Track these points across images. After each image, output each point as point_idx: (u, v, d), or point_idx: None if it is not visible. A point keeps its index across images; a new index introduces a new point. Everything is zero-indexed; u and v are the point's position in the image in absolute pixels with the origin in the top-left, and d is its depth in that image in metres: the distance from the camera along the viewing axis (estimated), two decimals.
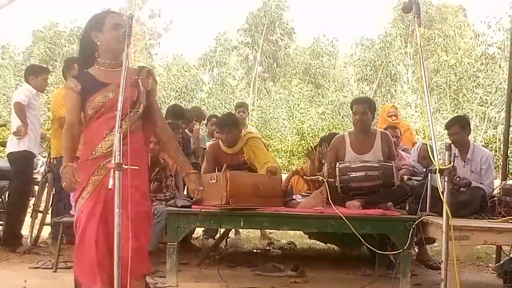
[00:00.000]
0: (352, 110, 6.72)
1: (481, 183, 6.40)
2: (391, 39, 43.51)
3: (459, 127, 6.58)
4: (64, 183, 3.60)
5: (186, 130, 8.33)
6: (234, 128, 6.81)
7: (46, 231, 8.16)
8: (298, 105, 39.57)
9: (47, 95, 22.96)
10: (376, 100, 33.67)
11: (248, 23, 46.26)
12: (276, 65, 46.56)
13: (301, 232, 8.68)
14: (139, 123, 3.70)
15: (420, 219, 5.51)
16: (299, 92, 41.61)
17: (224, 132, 6.80)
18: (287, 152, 30.91)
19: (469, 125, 6.76)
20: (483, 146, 27.82)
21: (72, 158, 3.72)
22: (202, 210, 5.90)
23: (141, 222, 3.61)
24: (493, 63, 40.30)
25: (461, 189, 6.26)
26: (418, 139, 9.35)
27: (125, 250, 3.29)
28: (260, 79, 45.95)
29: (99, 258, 3.54)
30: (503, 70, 37.47)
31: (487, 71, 39.80)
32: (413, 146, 9.16)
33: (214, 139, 8.61)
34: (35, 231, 7.86)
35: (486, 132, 35.05)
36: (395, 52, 43.29)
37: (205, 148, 8.35)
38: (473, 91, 39.65)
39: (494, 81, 38.10)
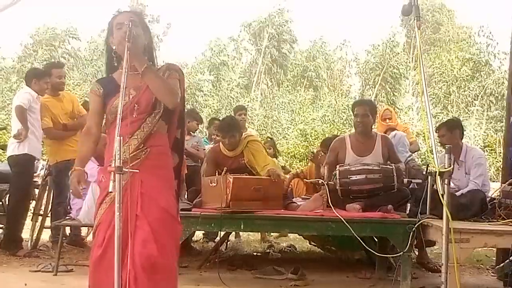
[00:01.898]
0: (353, 112, 6.75)
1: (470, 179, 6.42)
2: (393, 44, 43.66)
3: (446, 129, 6.60)
4: (71, 189, 3.59)
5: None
6: (237, 132, 6.83)
7: (46, 234, 8.16)
8: (300, 108, 39.66)
9: None
10: (377, 103, 33.79)
11: (250, 29, 46.52)
12: (277, 68, 46.67)
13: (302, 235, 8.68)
14: (161, 124, 3.55)
15: (420, 222, 5.51)
16: (300, 95, 41.69)
17: (227, 137, 6.80)
18: (288, 154, 30.90)
19: (459, 128, 6.73)
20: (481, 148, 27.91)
21: (83, 162, 3.65)
22: (202, 213, 5.90)
23: (165, 229, 3.41)
24: (488, 66, 40.64)
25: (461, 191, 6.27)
26: (420, 142, 9.32)
27: (140, 258, 3.26)
28: (262, 83, 46.02)
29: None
30: (495, 74, 37.85)
31: (480, 75, 40.11)
32: (411, 144, 9.22)
33: (214, 142, 8.63)
34: (35, 234, 7.86)
35: (488, 136, 35.01)
36: (397, 55, 43.42)
37: (204, 149, 8.37)
38: (468, 95, 39.90)
39: (487, 84, 38.47)
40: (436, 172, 3.46)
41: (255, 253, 8.39)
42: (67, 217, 6.92)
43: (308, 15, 70.50)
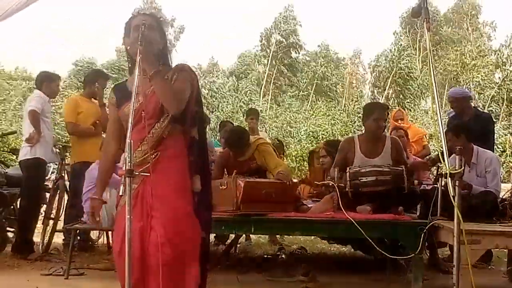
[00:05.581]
0: (370, 115, 6.61)
1: (487, 186, 6.39)
2: (401, 48, 43.80)
3: (452, 134, 6.55)
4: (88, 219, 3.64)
5: None
6: (244, 147, 6.84)
7: (58, 238, 8.18)
8: (311, 111, 39.80)
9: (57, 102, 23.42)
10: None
11: (261, 36, 46.97)
12: (288, 72, 46.92)
13: (311, 237, 8.67)
14: (173, 127, 3.49)
15: (431, 223, 5.50)
16: (311, 99, 41.87)
17: (235, 152, 6.87)
18: (297, 157, 30.95)
19: (464, 132, 6.65)
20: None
21: (102, 187, 3.68)
22: (213, 216, 5.89)
23: (179, 230, 3.37)
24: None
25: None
26: (432, 145, 9.32)
27: (155, 262, 3.27)
28: (273, 87, 46.29)
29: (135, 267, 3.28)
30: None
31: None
32: (423, 148, 9.25)
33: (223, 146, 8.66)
34: (46, 238, 7.89)
35: (499, 136, 34.95)
36: (406, 58, 43.50)
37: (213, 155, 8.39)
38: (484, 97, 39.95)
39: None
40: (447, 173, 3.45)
41: (265, 256, 8.38)
42: (79, 221, 6.93)
43: (310, 18, 70.87)
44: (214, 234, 8.82)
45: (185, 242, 3.38)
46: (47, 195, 8.36)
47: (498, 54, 43.10)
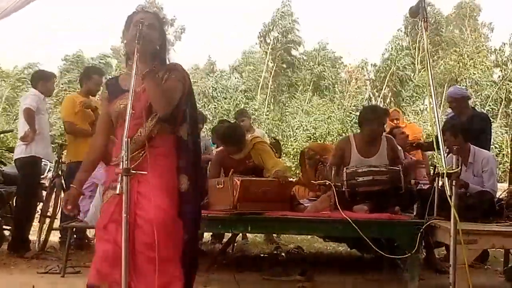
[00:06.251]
0: (376, 120, 6.60)
1: (484, 186, 6.40)
2: (399, 48, 43.80)
3: (449, 134, 6.55)
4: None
5: None
6: (239, 144, 6.83)
7: (54, 236, 8.17)
8: (308, 110, 39.79)
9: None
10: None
11: (260, 33, 46.95)
12: (286, 71, 46.91)
13: (308, 236, 8.66)
14: (162, 126, 3.48)
15: (428, 223, 5.49)
16: (308, 98, 41.85)
17: (229, 149, 6.87)
18: (295, 156, 31.02)
19: (462, 132, 6.65)
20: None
21: (81, 181, 3.71)
22: (209, 215, 5.89)
23: (164, 229, 3.34)
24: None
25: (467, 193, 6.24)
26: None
27: (142, 260, 3.28)
28: (272, 86, 46.29)
29: (112, 262, 3.31)
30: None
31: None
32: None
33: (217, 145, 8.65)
34: (43, 236, 7.88)
35: (496, 136, 35.01)
36: (404, 58, 43.52)
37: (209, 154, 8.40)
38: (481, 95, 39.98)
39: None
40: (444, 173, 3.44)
41: (262, 255, 8.37)
42: (75, 219, 6.92)
43: (310, 17, 70.87)
44: (211, 233, 8.83)
45: (166, 244, 3.35)
46: (44, 193, 8.34)
47: (498, 53, 43.17)
